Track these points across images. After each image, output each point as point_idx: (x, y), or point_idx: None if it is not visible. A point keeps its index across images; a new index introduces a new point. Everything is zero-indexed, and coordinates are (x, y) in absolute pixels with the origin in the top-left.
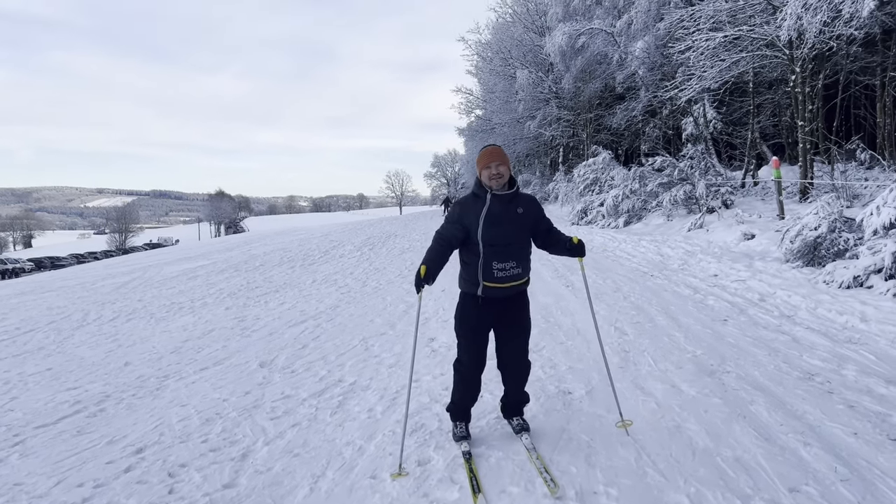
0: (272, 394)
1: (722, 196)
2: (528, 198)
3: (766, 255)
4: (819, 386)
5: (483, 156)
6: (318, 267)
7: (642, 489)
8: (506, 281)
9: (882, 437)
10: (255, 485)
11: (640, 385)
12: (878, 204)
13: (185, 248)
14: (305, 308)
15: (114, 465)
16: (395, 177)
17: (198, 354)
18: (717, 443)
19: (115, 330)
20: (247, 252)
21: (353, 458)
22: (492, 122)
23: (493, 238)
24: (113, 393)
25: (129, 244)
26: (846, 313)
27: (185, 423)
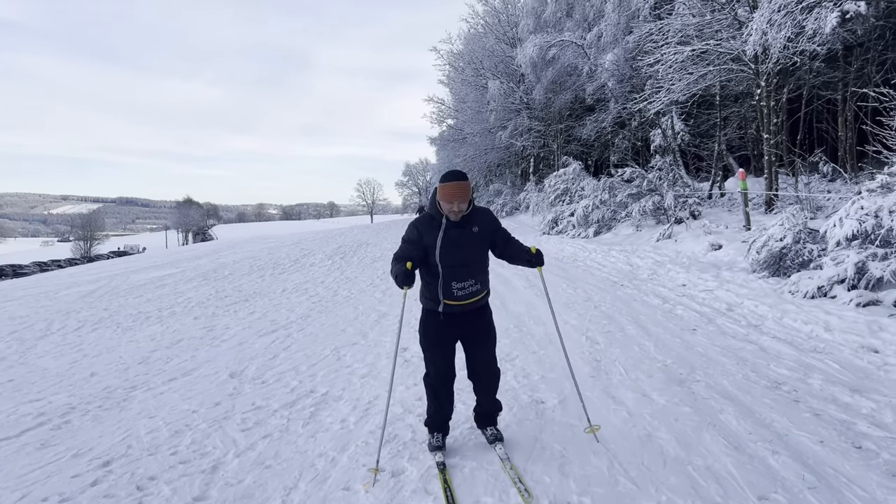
0: (243, 405)
1: (690, 207)
2: (482, 212)
3: (733, 266)
4: (786, 395)
5: (445, 191)
6: (289, 276)
7: (615, 497)
8: (465, 298)
9: (847, 445)
10: (226, 497)
11: (612, 394)
12: (840, 216)
13: (152, 256)
14: (276, 317)
15: (80, 479)
16: (367, 185)
17: (166, 365)
18: (688, 451)
19: (80, 340)
20: (215, 260)
21: (325, 469)
22: (463, 131)
23: (452, 261)
24: (78, 405)
25: (94, 252)
26: (811, 323)
27: (154, 434)
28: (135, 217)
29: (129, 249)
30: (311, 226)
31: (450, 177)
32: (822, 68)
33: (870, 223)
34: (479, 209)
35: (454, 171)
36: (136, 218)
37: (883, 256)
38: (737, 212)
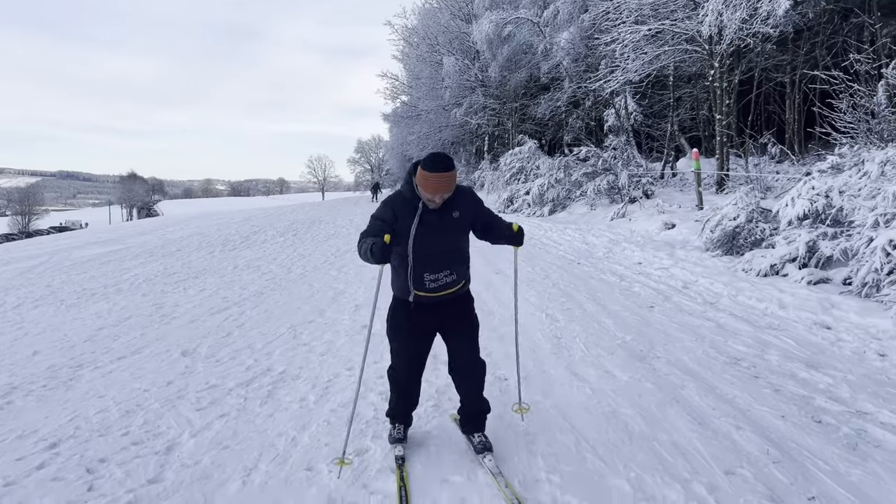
0: (196, 383)
1: (643, 186)
2: (462, 194)
3: (686, 244)
4: (745, 370)
5: (428, 183)
6: (240, 252)
7: (584, 475)
8: (438, 290)
9: (808, 419)
10: (183, 479)
11: (574, 371)
12: (792, 196)
13: (95, 231)
14: (228, 295)
15: (24, 462)
16: (318, 162)
17: (114, 343)
18: (653, 427)
19: (20, 317)
20: (162, 237)
21: (286, 449)
22: (418, 108)
23: (427, 250)
24: (21, 384)
25: (32, 227)
26: (765, 300)
27: (104, 415)
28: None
29: (70, 225)
30: (260, 202)
31: (434, 165)
32: (772, 51)
33: (821, 203)
34: (460, 190)
35: (439, 155)
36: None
37: (833, 236)
38: (689, 191)
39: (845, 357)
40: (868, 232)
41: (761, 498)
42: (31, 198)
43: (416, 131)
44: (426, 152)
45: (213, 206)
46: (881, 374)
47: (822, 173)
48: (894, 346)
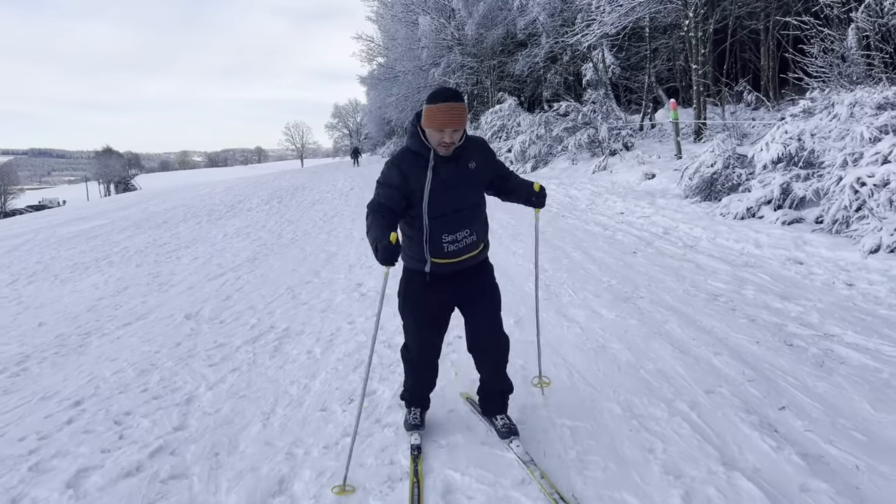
0: (205, 343)
1: (623, 139)
2: (478, 144)
3: (666, 193)
4: (723, 304)
5: (435, 116)
6: (227, 221)
7: (577, 401)
8: (459, 254)
9: (780, 343)
10: (207, 425)
11: (564, 313)
12: (766, 141)
13: (74, 208)
14: (222, 261)
15: (53, 419)
16: (295, 128)
17: (116, 311)
18: (639, 358)
19: (16, 293)
20: (145, 210)
21: (300, 395)
22: (395, 70)
23: (443, 208)
24: (32, 353)
25: (9, 207)
26: (742, 241)
27: (120, 375)
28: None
29: (48, 203)
30: (239, 172)
31: (441, 96)
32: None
33: (793, 146)
34: (473, 139)
35: (445, 88)
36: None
37: (805, 177)
38: (667, 142)
39: (816, 288)
40: (837, 171)
41: (737, 410)
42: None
43: (394, 93)
44: (405, 114)
45: (191, 178)
46: (848, 302)
47: (794, 118)
48: (861, 276)
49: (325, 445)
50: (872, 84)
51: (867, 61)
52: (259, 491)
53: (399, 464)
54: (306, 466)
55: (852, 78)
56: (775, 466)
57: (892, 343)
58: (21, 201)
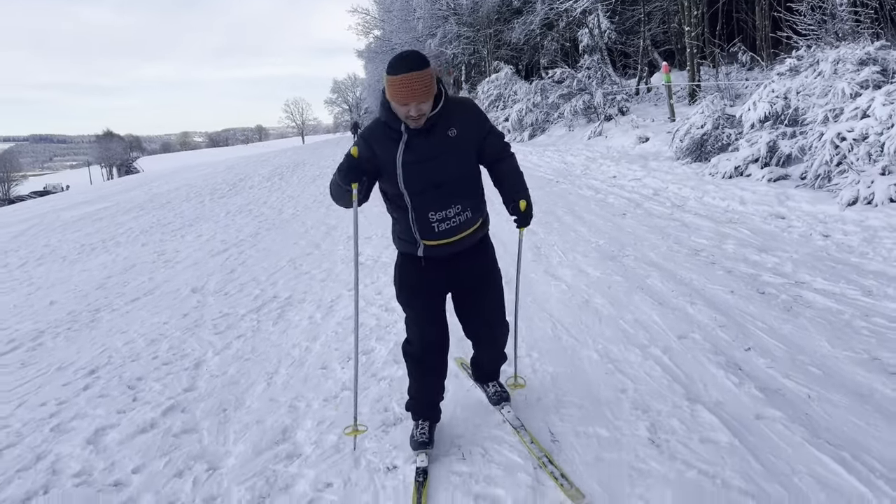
0: (211, 313)
1: (618, 104)
2: (462, 107)
3: (659, 155)
4: (704, 259)
5: (394, 89)
6: (229, 199)
7: (559, 350)
8: (451, 234)
9: (752, 291)
10: (215, 386)
11: (552, 273)
12: (754, 100)
13: (78, 193)
14: (225, 238)
15: (70, 386)
16: (295, 105)
17: (124, 288)
18: (620, 310)
19: (27, 275)
20: (149, 191)
21: (301, 356)
22: (391, 42)
23: (421, 182)
24: (46, 329)
25: (13, 194)
26: (728, 199)
27: (131, 345)
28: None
29: (52, 188)
30: (241, 151)
31: (398, 66)
32: None
33: (780, 105)
34: (455, 102)
35: (405, 55)
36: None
37: (791, 135)
38: (663, 105)
39: (793, 240)
40: (819, 127)
41: (707, 353)
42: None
43: None
44: None
45: (193, 159)
46: (822, 252)
47: (780, 76)
48: (837, 227)
49: (325, 399)
50: (857, 41)
51: (854, 18)
52: (264, 440)
53: (392, 410)
54: (308, 417)
55: (839, 35)
56: (735, 399)
57: (857, 287)
58: (24, 188)
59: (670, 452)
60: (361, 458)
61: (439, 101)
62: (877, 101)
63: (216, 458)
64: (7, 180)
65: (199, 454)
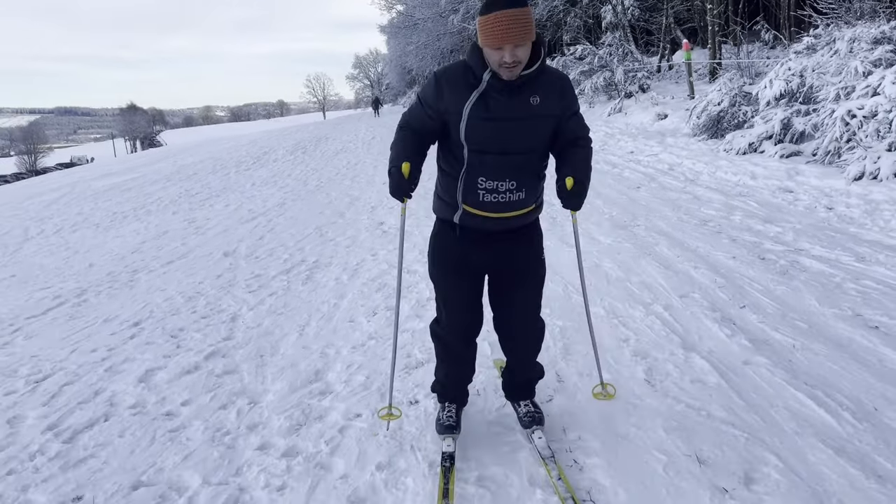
0: (244, 274)
1: (639, 81)
2: (554, 78)
3: (676, 132)
4: (711, 228)
5: (490, 28)
6: (254, 172)
7: (569, 308)
8: (495, 209)
9: (753, 257)
10: (251, 336)
11: (566, 241)
12: (770, 78)
13: (104, 164)
14: (252, 207)
15: (118, 335)
16: (316, 80)
17: (159, 252)
18: (628, 273)
19: (63, 240)
20: (175, 163)
21: (330, 311)
22: (414, 17)
23: (483, 140)
24: (89, 288)
25: (40, 165)
26: (739, 174)
27: (171, 301)
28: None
29: (77, 160)
30: (263, 126)
31: (497, 2)
32: None
33: (795, 82)
34: (552, 72)
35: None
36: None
37: (806, 112)
38: (683, 83)
39: (798, 212)
40: (830, 105)
41: (705, 310)
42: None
43: (413, 41)
44: (426, 63)
45: (216, 133)
46: (824, 223)
47: (797, 54)
48: (841, 200)
49: (353, 346)
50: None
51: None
52: (299, 380)
53: (414, 356)
54: (338, 361)
55: (858, 14)
56: (726, 348)
57: (852, 254)
58: (50, 159)
59: (663, 391)
60: (387, 393)
61: (536, 62)
62: (887, 80)
63: (256, 395)
64: (34, 152)
65: (241, 391)
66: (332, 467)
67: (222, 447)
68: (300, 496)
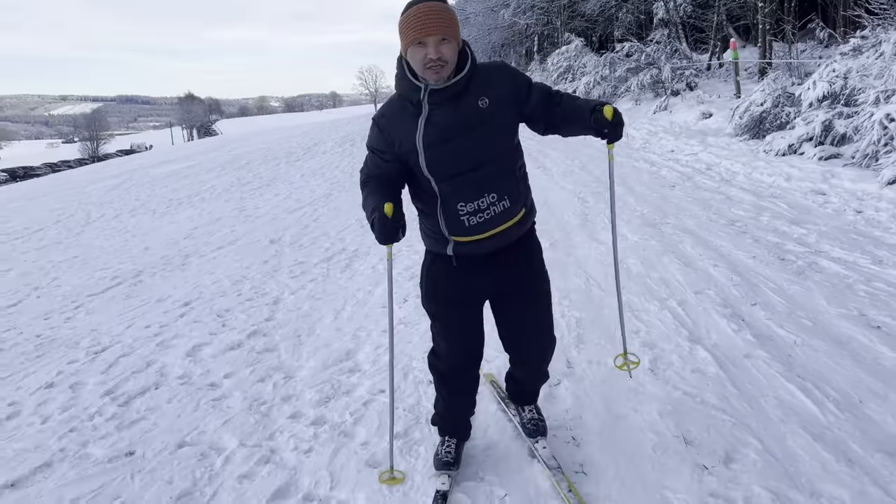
0: (287, 261)
1: (686, 79)
2: (492, 72)
3: (719, 132)
4: (737, 228)
5: (409, 25)
6: (303, 163)
7: (587, 299)
8: (485, 228)
9: (773, 258)
10: (290, 318)
11: (595, 237)
12: (814, 79)
13: (162, 152)
14: (300, 197)
15: (169, 314)
16: (369, 73)
17: (210, 238)
18: (648, 269)
19: (121, 224)
20: (229, 153)
21: (365, 297)
22: (465, 11)
23: (448, 166)
24: (144, 269)
25: (102, 151)
26: (775, 175)
27: (219, 284)
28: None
29: (136, 148)
30: (314, 117)
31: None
32: None
33: (839, 84)
34: (486, 67)
35: None
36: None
37: (847, 115)
38: (732, 82)
39: (826, 215)
40: (870, 108)
41: (716, 306)
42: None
43: (464, 35)
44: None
45: (269, 123)
46: (850, 226)
47: (843, 56)
48: (871, 204)
49: (383, 330)
50: None
51: None
52: (331, 358)
53: None
54: (368, 343)
55: None
56: (730, 342)
57: (869, 257)
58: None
59: (664, 379)
60: (409, 373)
61: (464, 65)
62: None
63: (291, 370)
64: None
65: (278, 367)
66: (354, 435)
67: (258, 415)
68: (324, 458)
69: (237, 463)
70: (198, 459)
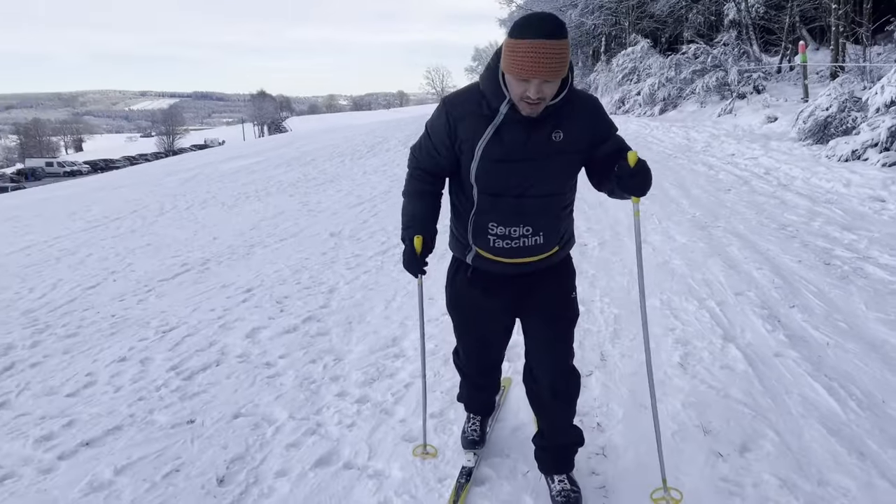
0: (345, 253)
1: (754, 82)
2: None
3: (783, 136)
4: (787, 233)
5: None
6: (367, 161)
7: (627, 299)
8: (509, 255)
9: (819, 262)
10: (344, 305)
11: (644, 238)
12: (882, 83)
13: (233, 147)
14: (361, 193)
15: (232, 299)
16: (435, 72)
17: (274, 230)
18: (692, 270)
19: (193, 216)
20: (297, 149)
21: (414, 289)
22: (532, 10)
23: (495, 184)
24: (212, 258)
25: (177, 146)
26: (833, 181)
27: (279, 273)
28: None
29: (209, 143)
30: (381, 115)
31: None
32: None
33: None
34: (580, 97)
35: (543, 14)
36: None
37: None
38: (801, 85)
39: (881, 222)
40: None
41: (755, 307)
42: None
43: None
44: None
45: (337, 121)
46: None
47: None
48: None
49: (428, 319)
50: None
51: None
52: (378, 344)
53: None
54: (414, 331)
55: None
56: (763, 342)
57: None
58: (186, 141)
59: (692, 373)
60: (449, 360)
61: (562, 91)
62: None
63: (341, 353)
64: (172, 133)
65: (329, 350)
66: (394, 413)
67: (308, 392)
68: (364, 432)
69: (286, 433)
70: (251, 429)
